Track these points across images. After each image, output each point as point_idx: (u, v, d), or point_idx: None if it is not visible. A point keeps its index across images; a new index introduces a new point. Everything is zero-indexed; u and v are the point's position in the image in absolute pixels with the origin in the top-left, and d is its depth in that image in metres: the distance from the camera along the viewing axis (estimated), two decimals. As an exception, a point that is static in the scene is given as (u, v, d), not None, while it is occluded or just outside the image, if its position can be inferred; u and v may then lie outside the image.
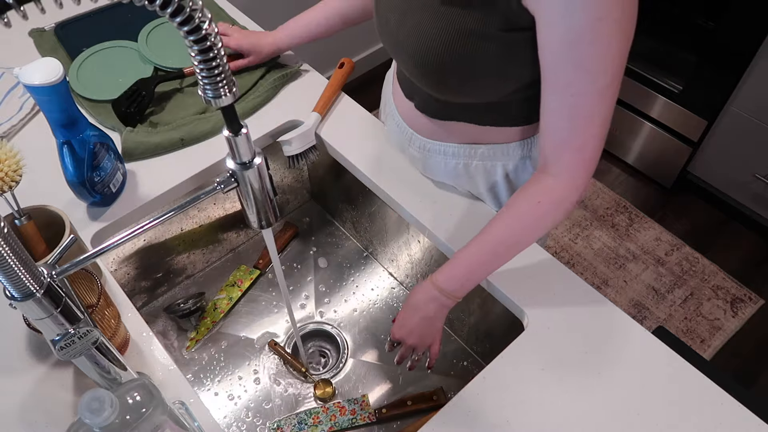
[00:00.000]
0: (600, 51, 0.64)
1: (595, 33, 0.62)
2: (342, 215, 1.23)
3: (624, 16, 0.62)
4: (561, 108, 0.69)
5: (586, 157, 0.72)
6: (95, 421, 0.55)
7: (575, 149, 0.72)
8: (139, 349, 0.82)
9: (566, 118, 0.70)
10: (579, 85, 0.66)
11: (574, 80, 0.66)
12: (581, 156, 0.72)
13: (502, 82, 0.75)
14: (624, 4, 0.61)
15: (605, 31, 0.62)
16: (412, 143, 0.96)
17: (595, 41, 0.63)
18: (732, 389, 0.78)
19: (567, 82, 0.67)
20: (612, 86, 0.67)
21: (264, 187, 0.63)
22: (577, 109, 0.68)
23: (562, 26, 0.63)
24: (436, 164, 0.95)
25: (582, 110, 0.68)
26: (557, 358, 0.81)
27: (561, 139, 0.72)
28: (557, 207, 0.76)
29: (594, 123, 0.69)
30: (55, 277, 0.56)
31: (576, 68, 0.65)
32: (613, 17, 0.61)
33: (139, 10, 1.25)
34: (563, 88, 0.68)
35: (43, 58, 0.78)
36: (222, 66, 0.48)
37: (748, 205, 2.03)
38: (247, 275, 1.16)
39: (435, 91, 0.80)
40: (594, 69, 0.65)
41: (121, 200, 0.98)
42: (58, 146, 0.87)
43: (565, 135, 0.71)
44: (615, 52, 0.64)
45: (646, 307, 1.89)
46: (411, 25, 0.74)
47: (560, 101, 0.69)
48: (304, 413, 0.97)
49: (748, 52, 1.71)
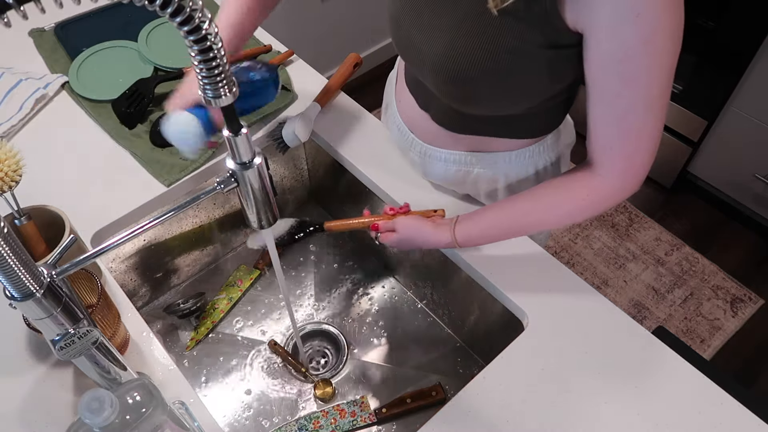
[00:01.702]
0: (649, 66, 0.64)
1: (645, 49, 0.62)
2: (342, 215, 1.23)
3: (673, 31, 0.62)
4: (609, 118, 0.69)
5: (636, 165, 0.72)
6: (95, 421, 0.55)
7: (624, 157, 0.72)
8: (139, 349, 0.82)
9: (615, 127, 0.70)
10: (628, 97, 0.66)
11: (623, 93, 0.66)
12: (631, 163, 0.72)
13: (530, 96, 0.75)
14: (672, 19, 0.62)
15: (655, 47, 0.62)
16: (412, 148, 0.95)
17: (645, 57, 0.63)
18: (732, 389, 0.78)
19: (616, 95, 0.67)
20: (660, 99, 0.67)
21: (264, 187, 0.63)
22: (626, 120, 0.68)
23: (612, 42, 0.63)
24: (437, 169, 0.95)
25: (631, 122, 0.68)
26: (557, 358, 0.81)
27: (610, 145, 0.72)
28: (600, 204, 0.76)
29: (642, 135, 0.69)
30: (55, 277, 0.56)
31: (625, 82, 0.65)
32: (662, 33, 0.62)
33: (139, 10, 1.24)
34: (611, 100, 0.67)
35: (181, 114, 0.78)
36: (222, 66, 0.48)
37: (748, 205, 2.03)
38: (247, 275, 1.16)
39: (461, 105, 0.80)
40: (642, 83, 0.65)
41: (119, 200, 0.98)
42: None
43: (614, 142, 0.71)
44: (663, 67, 0.64)
45: (646, 307, 1.89)
46: (443, 42, 0.73)
47: (609, 112, 0.69)
48: (304, 419, 0.97)
49: (748, 52, 1.71)
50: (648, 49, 0.62)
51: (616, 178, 0.73)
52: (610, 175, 0.74)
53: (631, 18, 0.60)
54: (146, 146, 1.05)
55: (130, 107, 1.07)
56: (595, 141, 0.72)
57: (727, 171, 2.02)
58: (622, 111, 0.68)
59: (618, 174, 0.73)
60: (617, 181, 0.74)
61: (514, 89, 0.73)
